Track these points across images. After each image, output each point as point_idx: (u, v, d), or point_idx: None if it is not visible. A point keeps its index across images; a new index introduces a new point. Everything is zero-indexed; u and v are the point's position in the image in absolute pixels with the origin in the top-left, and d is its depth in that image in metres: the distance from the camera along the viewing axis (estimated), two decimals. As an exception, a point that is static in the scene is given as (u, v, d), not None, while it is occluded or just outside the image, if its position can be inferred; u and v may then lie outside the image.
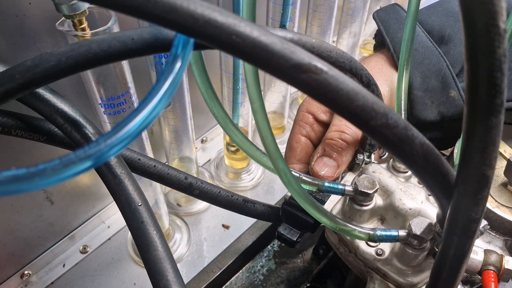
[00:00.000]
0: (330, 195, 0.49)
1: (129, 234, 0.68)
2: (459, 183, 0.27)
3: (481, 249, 0.42)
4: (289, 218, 0.48)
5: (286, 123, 0.84)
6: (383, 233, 0.40)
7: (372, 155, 0.50)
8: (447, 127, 0.55)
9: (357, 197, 0.43)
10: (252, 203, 0.52)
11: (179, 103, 0.58)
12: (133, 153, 0.44)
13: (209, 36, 0.20)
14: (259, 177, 0.78)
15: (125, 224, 0.37)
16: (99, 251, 0.67)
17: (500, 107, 0.22)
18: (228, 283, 0.68)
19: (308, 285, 0.64)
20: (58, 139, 0.40)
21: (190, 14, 0.20)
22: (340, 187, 0.43)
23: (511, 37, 0.40)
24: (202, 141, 0.83)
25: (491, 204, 0.48)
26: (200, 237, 0.70)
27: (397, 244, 0.42)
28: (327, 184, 0.43)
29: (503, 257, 0.41)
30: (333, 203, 0.48)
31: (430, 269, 0.36)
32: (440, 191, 0.29)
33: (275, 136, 0.33)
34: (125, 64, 0.45)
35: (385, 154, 0.56)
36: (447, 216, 0.29)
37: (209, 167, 0.79)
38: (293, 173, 0.39)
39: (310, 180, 0.43)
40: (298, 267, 0.70)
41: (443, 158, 0.27)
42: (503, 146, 0.51)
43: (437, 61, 0.54)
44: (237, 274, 0.69)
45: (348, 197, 0.45)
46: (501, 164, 0.51)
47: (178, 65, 0.24)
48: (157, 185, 0.58)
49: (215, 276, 0.64)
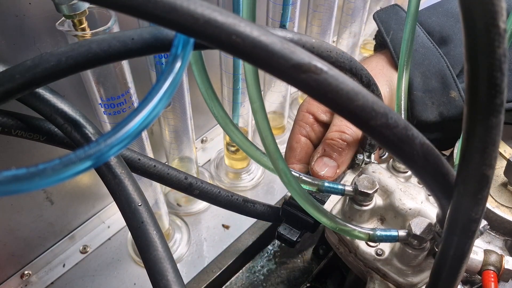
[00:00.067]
0: (330, 195, 0.49)
1: (129, 234, 0.68)
2: (459, 183, 0.27)
3: (481, 249, 0.42)
4: (289, 218, 0.48)
5: (286, 123, 0.84)
6: (383, 233, 0.40)
7: (372, 155, 0.50)
8: (447, 127, 0.55)
9: (357, 197, 0.43)
10: (252, 203, 0.52)
11: (179, 103, 0.58)
12: (133, 153, 0.44)
13: (209, 36, 0.20)
14: (259, 177, 0.78)
15: (125, 224, 0.37)
16: (99, 251, 0.67)
17: (500, 107, 0.22)
18: (228, 283, 0.68)
19: (308, 285, 0.64)
20: (58, 139, 0.40)
21: (190, 14, 0.20)
22: (340, 187, 0.43)
23: (511, 37, 0.40)
24: (202, 141, 0.83)
25: (491, 204, 0.48)
26: (200, 237, 0.70)
27: (397, 244, 0.42)
28: (327, 184, 0.43)
29: (503, 257, 0.41)
30: (333, 203, 0.48)
31: (430, 269, 0.36)
32: (440, 191, 0.29)
33: (275, 136, 0.33)
34: (125, 64, 0.45)
35: (385, 154, 0.56)
36: (447, 216, 0.29)
37: (209, 167, 0.79)
38: (293, 173, 0.39)
39: (310, 180, 0.43)
40: (298, 267, 0.70)
41: (443, 158, 0.27)
42: (503, 146, 0.51)
43: (437, 61, 0.54)
44: (237, 274, 0.69)
45: (348, 197, 0.45)
46: (501, 164, 0.51)
47: (178, 65, 0.24)
48: (157, 185, 0.58)
49: (215, 276, 0.64)
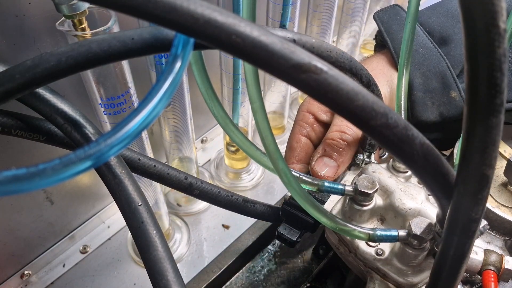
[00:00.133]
0: (330, 195, 0.49)
1: (129, 234, 0.68)
2: (459, 183, 0.27)
3: (481, 249, 0.42)
4: (289, 218, 0.48)
5: (286, 123, 0.84)
6: (383, 233, 0.40)
7: (372, 155, 0.50)
8: (447, 128, 0.55)
9: (357, 197, 0.43)
10: (252, 203, 0.52)
11: (179, 103, 0.58)
12: (133, 153, 0.44)
13: (209, 36, 0.20)
14: (259, 177, 0.78)
15: (125, 224, 0.37)
16: (99, 251, 0.67)
17: (500, 107, 0.22)
18: (228, 283, 0.68)
19: (308, 285, 0.64)
20: (58, 139, 0.40)
21: (190, 14, 0.20)
22: (340, 187, 0.43)
23: (511, 37, 0.40)
24: (202, 141, 0.83)
25: (491, 204, 0.48)
26: (200, 237, 0.70)
27: (397, 244, 0.42)
28: (327, 184, 0.43)
29: (503, 257, 0.41)
30: (333, 203, 0.48)
31: (430, 269, 0.36)
32: (440, 191, 0.29)
33: (275, 136, 0.33)
34: (125, 64, 0.45)
35: (385, 154, 0.56)
36: (447, 216, 0.29)
37: (209, 167, 0.79)
38: (293, 173, 0.39)
39: (310, 180, 0.43)
40: (298, 267, 0.70)
41: (443, 158, 0.27)
42: (503, 146, 0.51)
43: (437, 62, 0.54)
44: (237, 274, 0.69)
45: (348, 197, 0.45)
46: (501, 164, 0.51)
47: (178, 65, 0.24)
48: (157, 185, 0.58)
49: (215, 276, 0.64)
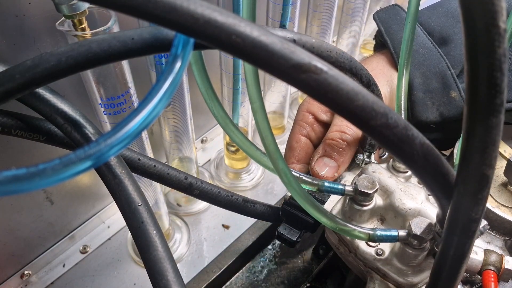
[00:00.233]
0: (330, 195, 0.49)
1: (129, 234, 0.68)
2: (459, 183, 0.27)
3: (481, 249, 0.42)
4: (289, 218, 0.48)
5: (286, 123, 0.84)
6: (383, 233, 0.40)
7: (372, 155, 0.50)
8: (447, 128, 0.55)
9: (357, 197, 0.43)
10: (252, 203, 0.52)
11: (179, 103, 0.58)
12: (133, 153, 0.44)
13: (209, 36, 0.20)
14: (259, 177, 0.78)
15: (125, 224, 0.37)
16: (99, 251, 0.67)
17: (500, 107, 0.22)
18: (228, 283, 0.68)
19: (308, 285, 0.64)
20: (58, 139, 0.40)
21: (190, 14, 0.20)
22: (340, 187, 0.43)
23: (511, 37, 0.40)
24: (202, 141, 0.83)
25: (491, 204, 0.48)
26: (200, 237, 0.70)
27: (397, 244, 0.42)
28: (327, 184, 0.43)
29: (503, 257, 0.41)
30: (333, 203, 0.48)
31: (430, 269, 0.36)
32: (440, 191, 0.29)
33: (275, 136, 0.33)
34: (125, 64, 0.45)
35: (385, 154, 0.56)
36: (447, 216, 0.29)
37: (209, 167, 0.79)
38: (293, 173, 0.39)
39: (310, 180, 0.43)
40: (298, 267, 0.70)
41: (443, 158, 0.27)
42: (503, 146, 0.51)
43: (437, 62, 0.54)
44: (237, 274, 0.69)
45: (348, 197, 0.45)
46: (501, 164, 0.51)
47: (178, 65, 0.24)
48: (157, 185, 0.58)
49: (215, 276, 0.64)
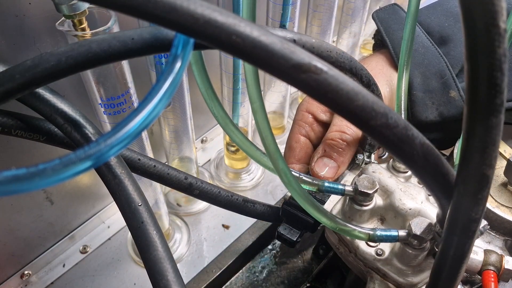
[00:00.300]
0: (330, 195, 0.49)
1: (129, 234, 0.68)
2: (459, 183, 0.27)
3: (481, 249, 0.42)
4: (289, 218, 0.48)
5: (286, 123, 0.84)
6: (383, 233, 0.40)
7: (372, 155, 0.50)
8: (447, 127, 0.55)
9: (357, 197, 0.43)
10: (252, 203, 0.52)
11: (179, 103, 0.58)
12: (133, 153, 0.44)
13: (209, 36, 0.20)
14: (259, 177, 0.78)
15: (125, 224, 0.37)
16: (99, 251, 0.67)
17: (500, 107, 0.22)
18: (228, 283, 0.68)
19: (308, 285, 0.64)
20: (58, 139, 0.40)
21: (190, 14, 0.20)
22: (340, 187, 0.43)
23: (511, 37, 0.40)
24: (202, 141, 0.83)
25: (491, 204, 0.48)
26: (200, 237, 0.70)
27: (397, 244, 0.42)
28: (327, 184, 0.43)
29: (503, 257, 0.41)
30: (333, 203, 0.48)
31: (430, 269, 0.36)
32: (440, 191, 0.29)
33: (275, 136, 0.33)
34: (125, 64, 0.45)
35: (385, 154, 0.56)
36: (447, 216, 0.29)
37: (209, 167, 0.79)
38: (293, 173, 0.39)
39: (310, 180, 0.43)
40: (298, 267, 0.70)
41: (443, 158, 0.27)
42: (503, 146, 0.51)
43: (437, 61, 0.54)
44: (237, 274, 0.69)
45: (348, 197, 0.45)
46: (501, 164, 0.51)
47: (178, 65, 0.24)
48: (157, 185, 0.58)
49: (215, 276, 0.64)
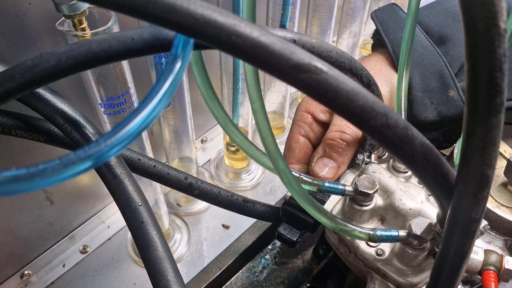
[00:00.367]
0: (330, 195, 0.49)
1: (129, 234, 0.68)
2: (459, 183, 0.27)
3: (481, 249, 0.42)
4: (289, 218, 0.48)
5: (286, 123, 0.84)
6: (383, 233, 0.40)
7: (372, 155, 0.50)
8: (446, 127, 0.55)
9: (357, 197, 0.43)
10: (252, 203, 0.52)
11: (179, 103, 0.58)
12: (133, 153, 0.44)
13: (209, 36, 0.20)
14: (259, 177, 0.78)
15: (125, 224, 0.37)
16: (99, 251, 0.67)
17: (500, 107, 0.22)
18: (228, 283, 0.68)
19: (308, 285, 0.64)
20: (58, 139, 0.40)
21: (190, 14, 0.20)
22: (340, 187, 0.43)
23: (511, 37, 0.40)
24: (202, 141, 0.83)
25: (491, 204, 0.48)
26: (200, 237, 0.70)
27: (397, 244, 0.42)
28: (327, 184, 0.43)
29: (503, 257, 0.41)
30: (333, 203, 0.48)
31: (430, 269, 0.36)
32: (440, 191, 0.29)
33: (275, 136, 0.33)
34: (125, 64, 0.45)
35: (385, 154, 0.56)
36: (447, 216, 0.29)
37: (209, 167, 0.79)
38: (293, 173, 0.39)
39: (310, 180, 0.43)
40: (298, 267, 0.70)
41: (443, 158, 0.27)
42: (503, 146, 0.51)
43: (436, 61, 0.54)
44: (237, 274, 0.69)
45: (348, 197, 0.45)
46: (501, 164, 0.51)
47: (178, 65, 0.24)
48: (157, 185, 0.58)
49: (215, 276, 0.64)
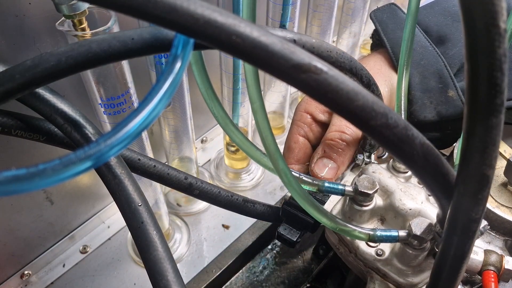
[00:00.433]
0: (330, 196, 0.49)
1: (129, 234, 0.68)
2: (459, 183, 0.27)
3: (481, 249, 0.42)
4: (289, 218, 0.48)
5: (286, 123, 0.84)
6: (383, 233, 0.40)
7: (372, 155, 0.50)
8: (445, 127, 0.55)
9: (357, 197, 0.43)
10: (252, 203, 0.52)
11: (179, 103, 0.58)
12: (133, 153, 0.44)
13: (209, 36, 0.20)
14: (259, 177, 0.78)
15: (125, 224, 0.37)
16: (99, 251, 0.67)
17: (501, 107, 0.22)
18: (228, 283, 0.68)
19: (308, 285, 0.64)
20: (58, 139, 0.40)
21: (190, 15, 0.20)
22: (340, 187, 0.43)
23: (511, 37, 0.40)
24: (202, 141, 0.83)
25: (491, 204, 0.48)
26: (200, 237, 0.70)
27: (397, 244, 0.42)
28: (327, 185, 0.43)
29: (503, 257, 0.41)
30: (333, 203, 0.48)
31: (430, 269, 0.36)
32: (440, 191, 0.29)
33: (275, 136, 0.33)
34: (125, 64, 0.45)
35: (385, 154, 0.56)
36: (447, 216, 0.29)
37: (209, 167, 0.79)
38: (293, 173, 0.39)
39: (310, 181, 0.43)
40: (298, 267, 0.70)
41: (443, 158, 0.27)
42: (503, 146, 0.51)
43: (435, 61, 0.54)
44: (237, 274, 0.69)
45: (348, 198, 0.45)
46: (501, 164, 0.51)
47: (178, 65, 0.24)
48: (157, 185, 0.58)
49: (215, 276, 0.64)
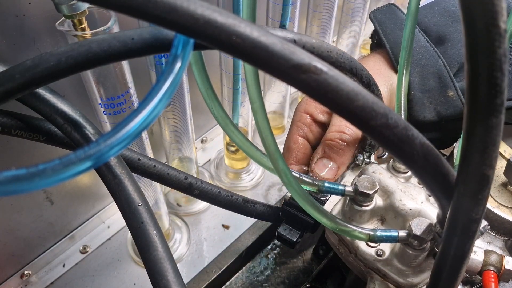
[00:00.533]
0: (330, 196, 0.49)
1: (129, 234, 0.68)
2: (459, 183, 0.27)
3: (481, 249, 0.42)
4: (289, 218, 0.48)
5: (286, 123, 0.84)
6: (383, 233, 0.40)
7: (372, 156, 0.50)
8: (445, 127, 0.55)
9: (357, 197, 0.43)
10: (252, 203, 0.52)
11: (179, 103, 0.58)
12: (133, 153, 0.44)
13: (209, 36, 0.20)
14: (259, 177, 0.78)
15: (125, 224, 0.37)
16: (99, 251, 0.67)
17: (501, 107, 0.22)
18: (228, 283, 0.68)
19: (308, 285, 0.64)
20: (58, 139, 0.40)
21: (190, 15, 0.20)
22: (340, 187, 0.43)
23: (511, 37, 0.40)
24: (202, 141, 0.83)
25: (491, 204, 0.48)
26: (200, 237, 0.70)
27: (397, 245, 0.42)
28: (327, 185, 0.43)
29: (503, 257, 0.41)
30: (333, 203, 0.48)
31: (430, 269, 0.36)
32: (440, 191, 0.29)
33: (275, 136, 0.33)
34: (125, 64, 0.45)
35: (385, 154, 0.56)
36: (447, 217, 0.29)
37: (209, 167, 0.79)
38: (293, 173, 0.39)
39: (310, 181, 0.43)
40: (298, 267, 0.70)
41: (443, 158, 0.27)
42: (503, 146, 0.51)
43: (434, 61, 0.54)
44: (237, 274, 0.69)
45: (348, 198, 0.45)
46: (501, 164, 0.51)
47: (178, 65, 0.24)
48: (157, 185, 0.58)
49: (215, 276, 0.64)
